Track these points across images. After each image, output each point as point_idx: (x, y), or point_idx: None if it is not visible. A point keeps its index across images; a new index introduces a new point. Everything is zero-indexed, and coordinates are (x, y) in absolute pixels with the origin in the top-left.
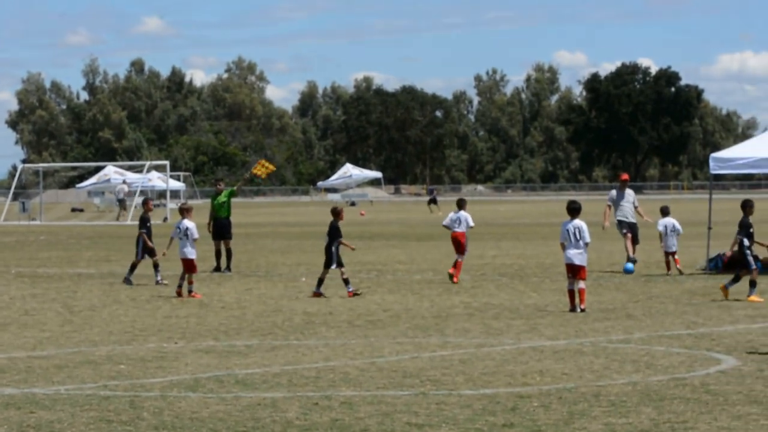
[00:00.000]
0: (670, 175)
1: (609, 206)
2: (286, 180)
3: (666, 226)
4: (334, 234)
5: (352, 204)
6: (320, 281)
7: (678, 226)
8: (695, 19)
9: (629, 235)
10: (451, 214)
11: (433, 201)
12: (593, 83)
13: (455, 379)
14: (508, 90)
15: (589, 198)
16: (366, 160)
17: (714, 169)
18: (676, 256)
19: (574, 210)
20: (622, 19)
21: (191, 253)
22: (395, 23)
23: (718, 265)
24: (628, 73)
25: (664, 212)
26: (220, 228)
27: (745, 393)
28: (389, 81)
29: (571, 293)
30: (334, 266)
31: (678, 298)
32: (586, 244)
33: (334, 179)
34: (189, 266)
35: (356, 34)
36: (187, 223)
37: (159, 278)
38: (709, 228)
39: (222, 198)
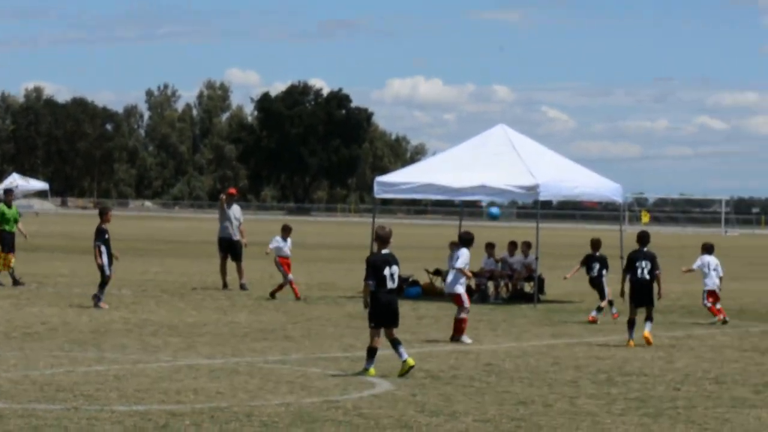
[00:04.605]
0: (339, 197)
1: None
2: None
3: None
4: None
5: None
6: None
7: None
8: (367, 42)
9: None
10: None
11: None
12: (264, 102)
13: (108, 395)
14: (180, 106)
15: (256, 217)
16: (34, 171)
17: (378, 192)
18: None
19: (465, 241)
20: (295, 39)
21: None
22: (68, 34)
23: None
24: (299, 93)
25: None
26: (12, 240)
27: (397, 417)
28: (60, 92)
29: (455, 321)
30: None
31: (337, 321)
32: (456, 270)
33: None
34: None
35: (28, 43)
36: None
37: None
38: (372, 252)
39: (14, 212)
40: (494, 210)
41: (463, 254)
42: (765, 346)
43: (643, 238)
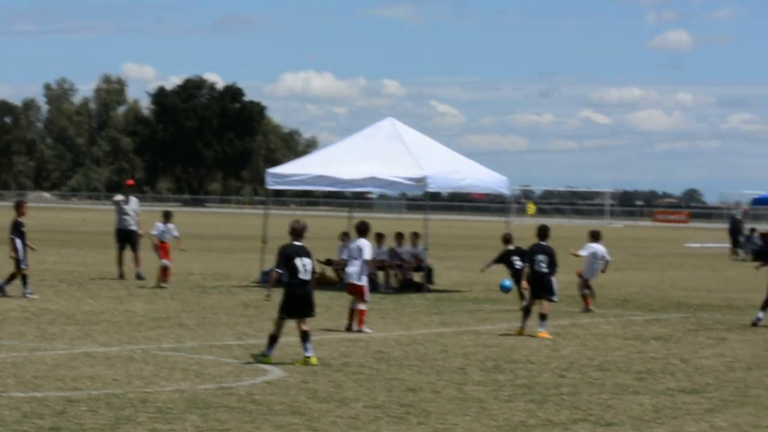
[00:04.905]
0: (233, 189)
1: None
2: None
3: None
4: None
5: None
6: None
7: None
8: (261, 37)
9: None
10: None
11: None
12: (160, 96)
13: (6, 382)
14: (77, 99)
15: (152, 209)
16: None
17: (270, 184)
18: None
19: (362, 231)
20: (190, 34)
21: None
22: None
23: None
24: (194, 87)
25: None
26: None
27: (289, 403)
28: None
29: (350, 311)
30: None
31: (231, 310)
32: (364, 261)
33: None
34: None
35: None
36: None
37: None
38: (264, 242)
39: None
40: (507, 283)
41: (368, 246)
42: (647, 335)
43: (542, 231)
